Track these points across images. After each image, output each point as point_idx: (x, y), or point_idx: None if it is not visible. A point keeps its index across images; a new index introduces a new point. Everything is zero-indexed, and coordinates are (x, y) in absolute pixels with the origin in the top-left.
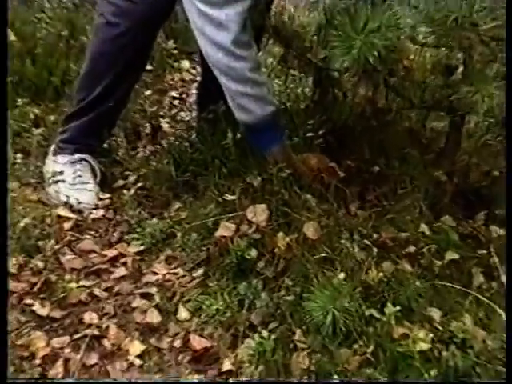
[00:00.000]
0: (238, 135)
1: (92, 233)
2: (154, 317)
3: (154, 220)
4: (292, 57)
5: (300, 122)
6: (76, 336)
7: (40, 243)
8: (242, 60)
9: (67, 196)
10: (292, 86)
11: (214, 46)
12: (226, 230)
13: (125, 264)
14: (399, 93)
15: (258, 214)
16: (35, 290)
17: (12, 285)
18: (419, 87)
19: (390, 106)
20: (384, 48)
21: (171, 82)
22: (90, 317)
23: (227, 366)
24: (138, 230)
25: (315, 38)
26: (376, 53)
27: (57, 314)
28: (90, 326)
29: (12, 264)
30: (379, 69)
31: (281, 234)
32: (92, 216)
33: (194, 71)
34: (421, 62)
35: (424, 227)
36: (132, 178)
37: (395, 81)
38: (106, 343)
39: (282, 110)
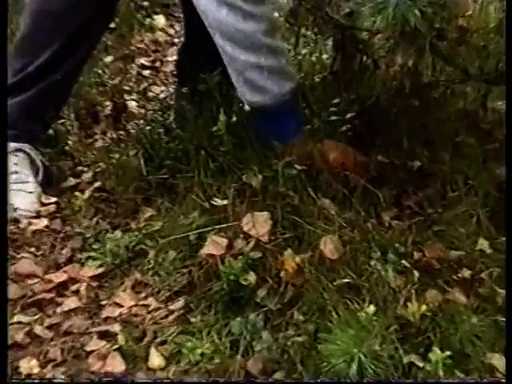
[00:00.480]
0: (234, 118)
1: (32, 250)
2: (116, 364)
3: (117, 233)
4: (305, 11)
5: (315, 101)
6: None
7: None
8: (254, 19)
9: None
10: (305, 51)
11: None
12: (214, 246)
13: (77, 292)
14: (451, 61)
15: (258, 224)
16: None
17: None
18: (479, 53)
19: (437, 79)
20: (430, 4)
21: (140, 45)
22: (28, 364)
23: None
24: (95, 246)
25: None
26: (418, 12)
27: None
28: (29, 376)
29: None
30: (423, 30)
31: (289, 251)
32: (32, 227)
33: (171, 30)
34: (482, 19)
35: (483, 243)
36: (87, 176)
37: (446, 45)
38: None
39: None
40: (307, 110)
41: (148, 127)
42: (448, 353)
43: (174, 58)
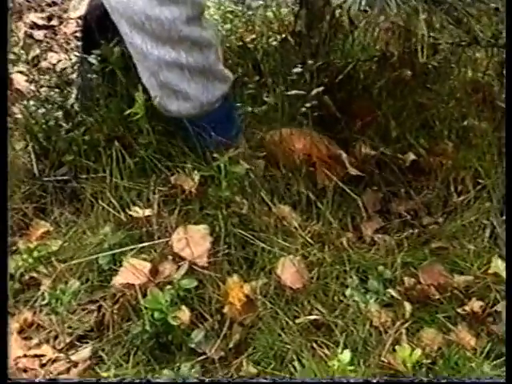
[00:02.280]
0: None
1: None
2: None
3: None
4: None
5: (271, 71)
6: None
7: None
8: (173, 3)
9: None
10: (257, 3)
11: None
12: (132, 272)
13: None
14: (453, 18)
15: (194, 242)
16: None
17: None
18: (488, 15)
19: (435, 42)
20: None
21: None
22: None
23: None
24: None
25: None
26: None
27: None
28: None
29: None
30: None
31: (235, 278)
32: None
33: None
34: None
35: (498, 265)
36: None
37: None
38: None
39: (241, 48)
40: (260, 85)
41: (41, 110)
42: None
43: (79, 13)
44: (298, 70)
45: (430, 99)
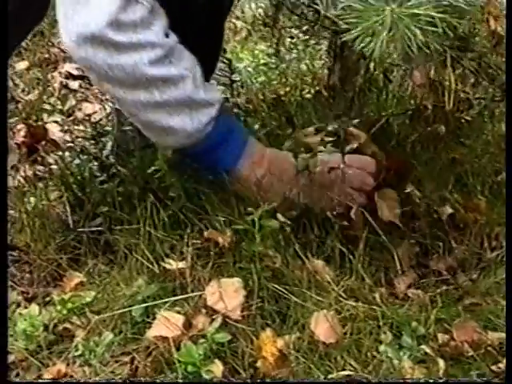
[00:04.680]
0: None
1: None
2: None
3: (33, 307)
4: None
5: (304, 124)
6: None
7: None
8: (132, 49)
9: None
10: (290, 56)
11: (74, 27)
12: (166, 325)
13: None
14: (482, 75)
15: (227, 295)
16: None
17: None
18: None
19: (470, 97)
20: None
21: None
22: None
23: None
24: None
25: None
26: (420, 38)
27: None
28: None
29: None
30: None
31: (268, 333)
32: None
33: None
34: None
35: None
36: None
37: (475, 56)
38: None
39: (274, 101)
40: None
41: (76, 161)
42: None
43: None
44: (331, 127)
45: (464, 154)
